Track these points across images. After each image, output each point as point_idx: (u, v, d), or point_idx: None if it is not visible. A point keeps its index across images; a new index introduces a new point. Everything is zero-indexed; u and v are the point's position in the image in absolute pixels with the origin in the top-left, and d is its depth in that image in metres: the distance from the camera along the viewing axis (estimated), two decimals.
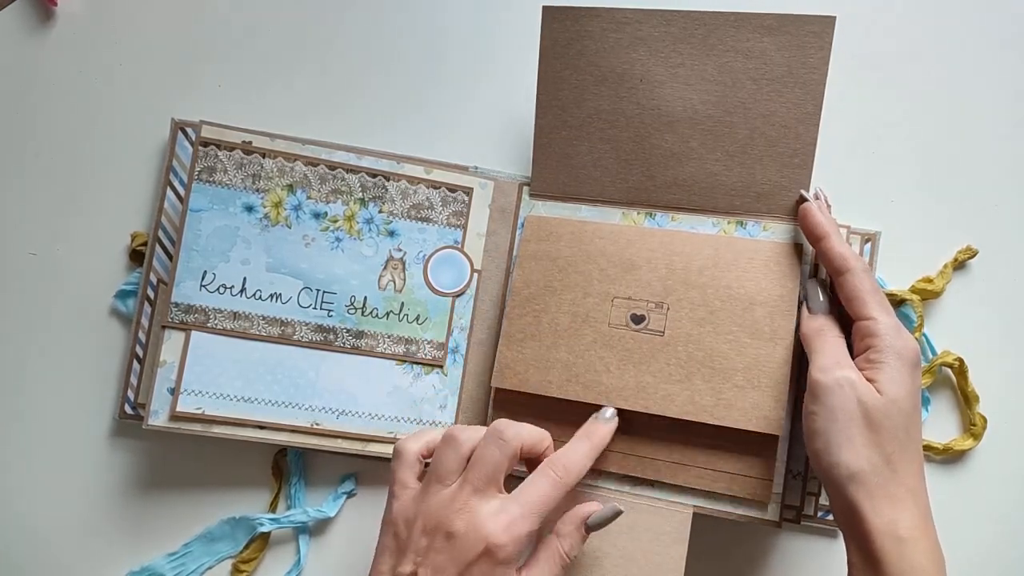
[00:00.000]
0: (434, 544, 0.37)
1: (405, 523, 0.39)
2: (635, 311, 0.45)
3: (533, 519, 0.38)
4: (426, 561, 0.37)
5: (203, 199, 0.47)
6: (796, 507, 0.46)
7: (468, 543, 0.37)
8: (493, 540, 0.37)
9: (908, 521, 0.37)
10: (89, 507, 0.50)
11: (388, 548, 0.39)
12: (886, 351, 0.38)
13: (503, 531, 0.37)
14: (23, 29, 0.52)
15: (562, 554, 0.39)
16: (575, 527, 0.40)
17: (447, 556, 0.37)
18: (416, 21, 0.53)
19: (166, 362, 0.46)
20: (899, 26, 0.53)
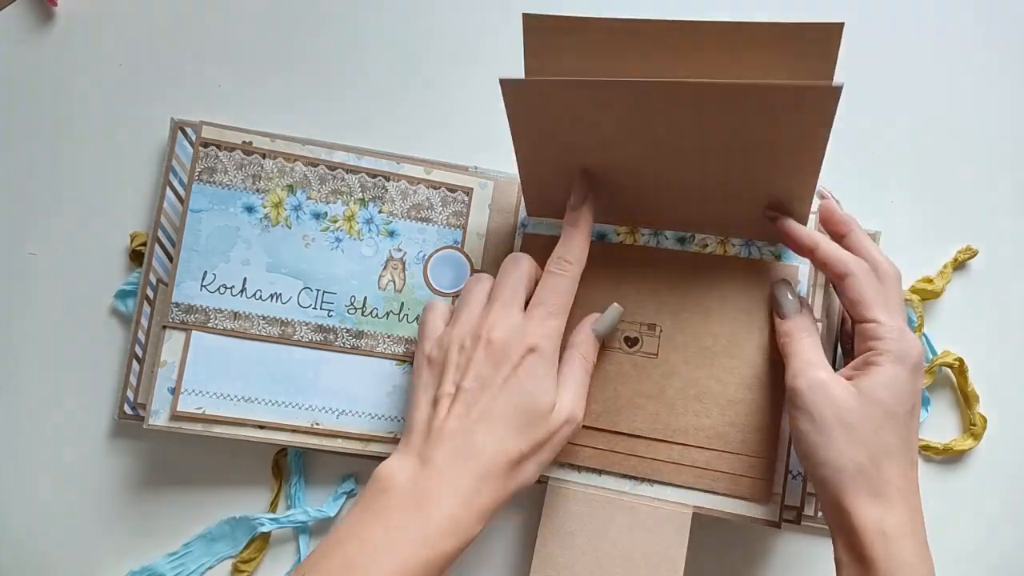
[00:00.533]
0: (475, 355, 0.39)
1: (439, 348, 0.40)
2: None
3: (560, 315, 0.40)
4: (468, 374, 0.39)
5: (203, 199, 0.47)
6: (796, 507, 0.46)
7: (509, 347, 0.39)
8: (531, 341, 0.39)
9: (895, 519, 0.37)
10: (89, 507, 0.50)
11: (423, 383, 0.40)
12: (885, 354, 0.38)
13: (537, 330, 0.39)
14: (23, 29, 0.52)
15: (582, 357, 0.42)
16: (588, 335, 0.43)
17: (490, 365, 0.38)
18: (416, 21, 0.53)
19: (166, 362, 0.46)
20: (899, 26, 0.53)
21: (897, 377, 0.38)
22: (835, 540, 0.39)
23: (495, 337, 0.39)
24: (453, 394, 0.38)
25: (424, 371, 0.40)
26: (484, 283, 0.42)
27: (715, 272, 0.45)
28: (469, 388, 0.38)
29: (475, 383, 0.38)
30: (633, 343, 0.45)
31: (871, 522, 0.37)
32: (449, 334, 0.40)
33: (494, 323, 0.39)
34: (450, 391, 0.39)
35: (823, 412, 0.38)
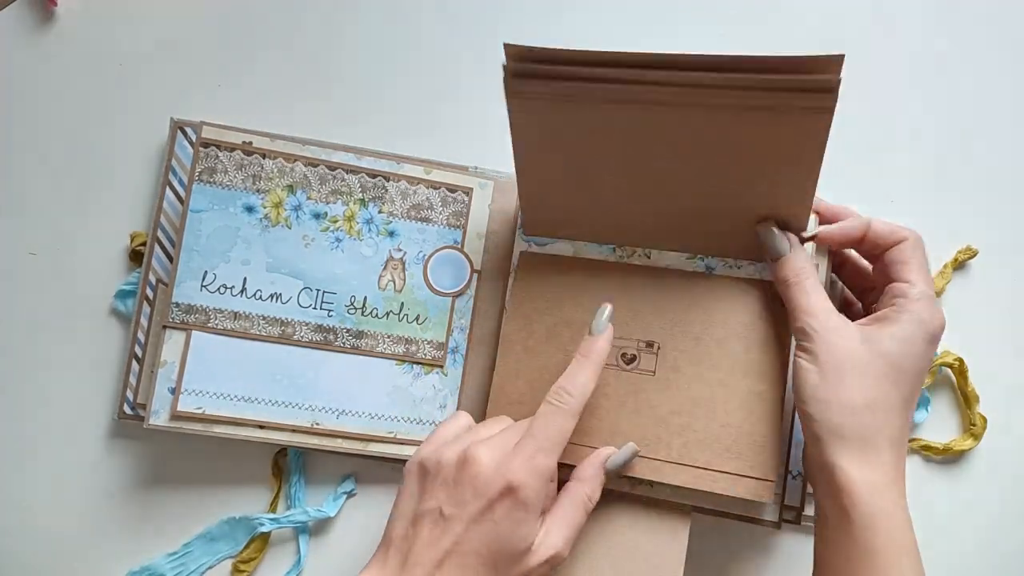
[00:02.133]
0: (458, 478, 0.37)
1: (433, 458, 0.38)
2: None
3: (550, 453, 0.37)
4: (448, 497, 0.37)
5: (203, 199, 0.47)
6: (796, 507, 0.46)
7: (490, 481, 0.36)
8: (513, 477, 0.36)
9: (877, 467, 0.37)
10: (89, 507, 0.50)
11: (409, 491, 0.39)
12: (907, 313, 0.39)
13: (521, 468, 0.36)
14: (23, 29, 0.52)
15: (585, 498, 0.39)
16: (595, 471, 0.40)
17: (469, 493, 0.37)
18: (415, 21, 0.53)
19: (167, 362, 0.46)
20: (899, 26, 0.53)
21: (912, 336, 0.38)
22: (816, 486, 0.39)
23: (478, 467, 0.37)
24: (433, 514, 0.37)
25: (413, 479, 0.39)
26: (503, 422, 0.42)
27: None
28: (448, 514, 0.36)
29: (453, 509, 0.36)
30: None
31: (853, 467, 0.37)
32: (445, 449, 0.39)
33: (481, 450, 0.37)
34: (431, 508, 0.37)
35: (826, 354, 0.38)
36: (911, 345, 0.38)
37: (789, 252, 0.41)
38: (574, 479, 0.40)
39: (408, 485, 0.39)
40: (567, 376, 0.40)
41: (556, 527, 0.38)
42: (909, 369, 0.38)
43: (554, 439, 0.38)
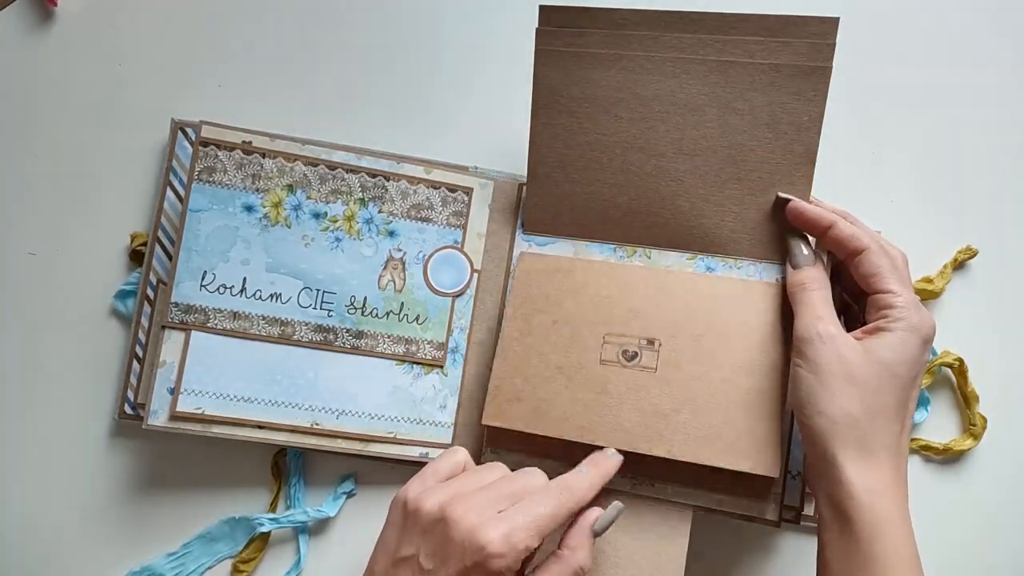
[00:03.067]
0: (436, 532, 0.36)
1: (420, 499, 0.38)
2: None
3: (534, 535, 0.36)
4: (426, 548, 0.36)
5: (203, 199, 0.47)
6: (796, 507, 0.46)
7: (466, 543, 0.35)
8: (491, 548, 0.35)
9: (879, 475, 0.37)
10: (89, 507, 0.50)
11: (394, 524, 0.38)
12: (898, 322, 0.39)
13: (502, 539, 0.35)
14: (23, 29, 0.52)
15: (577, 568, 0.38)
16: (585, 537, 0.39)
17: (445, 552, 0.36)
18: (416, 21, 0.53)
19: (166, 362, 0.46)
20: (899, 26, 0.53)
21: (907, 343, 0.39)
22: (817, 494, 0.39)
23: (455, 531, 0.36)
24: (412, 563, 0.36)
25: (397, 514, 0.38)
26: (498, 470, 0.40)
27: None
28: (425, 568, 0.36)
29: (430, 564, 0.36)
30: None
31: (856, 476, 0.37)
32: (430, 495, 0.38)
33: (461, 510, 0.36)
34: (409, 555, 0.37)
35: (828, 364, 0.38)
36: (906, 352, 0.39)
37: (811, 266, 0.42)
38: (564, 547, 0.39)
39: (392, 519, 0.39)
40: (578, 478, 0.40)
41: None
42: (905, 376, 0.39)
43: (543, 525, 0.37)
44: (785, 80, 0.43)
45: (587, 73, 0.45)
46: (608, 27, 0.44)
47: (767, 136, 0.43)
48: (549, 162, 0.46)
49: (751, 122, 0.43)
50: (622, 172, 0.46)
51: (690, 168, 0.45)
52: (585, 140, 0.46)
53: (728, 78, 0.43)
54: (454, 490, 0.38)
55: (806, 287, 0.42)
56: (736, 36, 0.43)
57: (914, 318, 0.39)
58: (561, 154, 0.46)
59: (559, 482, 0.39)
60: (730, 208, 0.45)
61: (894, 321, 0.39)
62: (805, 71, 0.42)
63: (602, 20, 0.44)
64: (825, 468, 0.38)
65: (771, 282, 0.44)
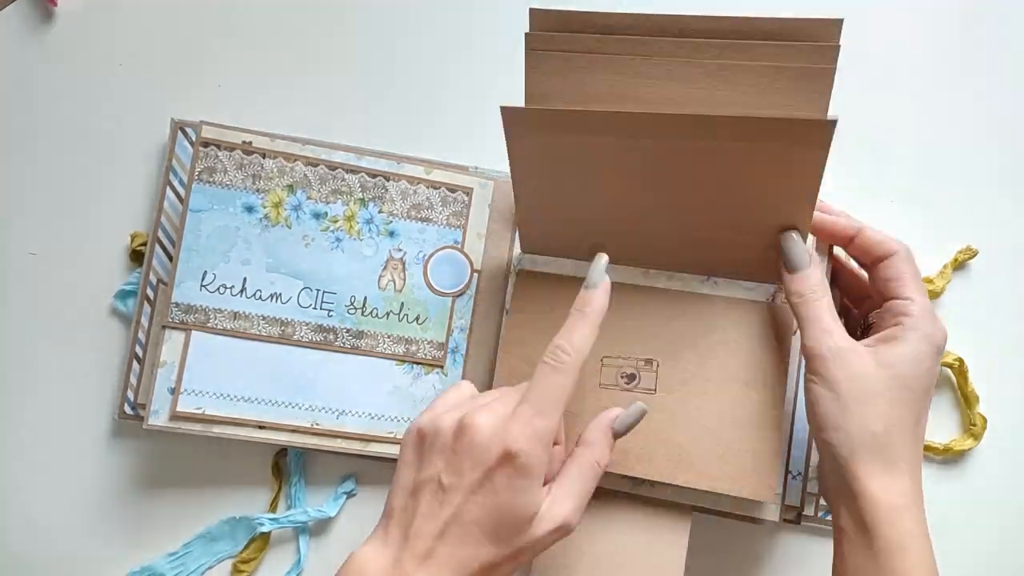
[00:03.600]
0: (456, 446, 0.35)
1: (432, 425, 0.37)
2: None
3: (550, 414, 0.35)
4: (447, 465, 0.35)
5: (203, 199, 0.47)
6: (796, 507, 0.46)
7: (487, 448, 0.35)
8: (511, 444, 0.34)
9: (901, 489, 0.37)
10: (89, 507, 0.50)
11: (407, 461, 0.37)
12: (913, 331, 0.39)
13: (520, 433, 0.35)
14: (23, 29, 0.52)
15: (593, 463, 0.38)
16: (602, 433, 0.39)
17: (468, 461, 0.35)
18: (416, 21, 0.53)
19: (166, 362, 0.46)
20: (899, 26, 0.53)
21: (921, 354, 0.39)
22: (837, 508, 0.39)
23: (475, 433, 0.35)
24: (432, 483, 0.36)
25: (410, 447, 0.38)
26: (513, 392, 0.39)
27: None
28: (446, 484, 0.35)
29: (452, 478, 0.35)
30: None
31: (878, 491, 0.37)
32: (444, 415, 0.37)
33: (478, 416, 0.36)
34: (429, 477, 0.36)
35: (843, 380, 0.38)
36: (922, 363, 0.39)
37: (808, 267, 0.40)
38: (581, 444, 0.38)
39: (406, 454, 0.38)
40: (563, 333, 0.38)
41: (563, 495, 0.37)
42: (921, 388, 0.39)
43: (552, 400, 0.36)
44: (787, 83, 0.42)
45: (580, 77, 0.44)
46: (602, 31, 0.41)
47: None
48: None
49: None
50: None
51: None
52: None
53: (728, 82, 0.43)
54: (468, 407, 0.37)
55: (806, 298, 0.40)
56: (736, 39, 0.42)
57: (928, 327, 0.39)
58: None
59: (552, 349, 0.37)
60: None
61: (909, 330, 0.39)
62: (808, 74, 0.41)
63: (596, 24, 0.42)
64: (845, 483, 0.38)
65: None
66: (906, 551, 0.36)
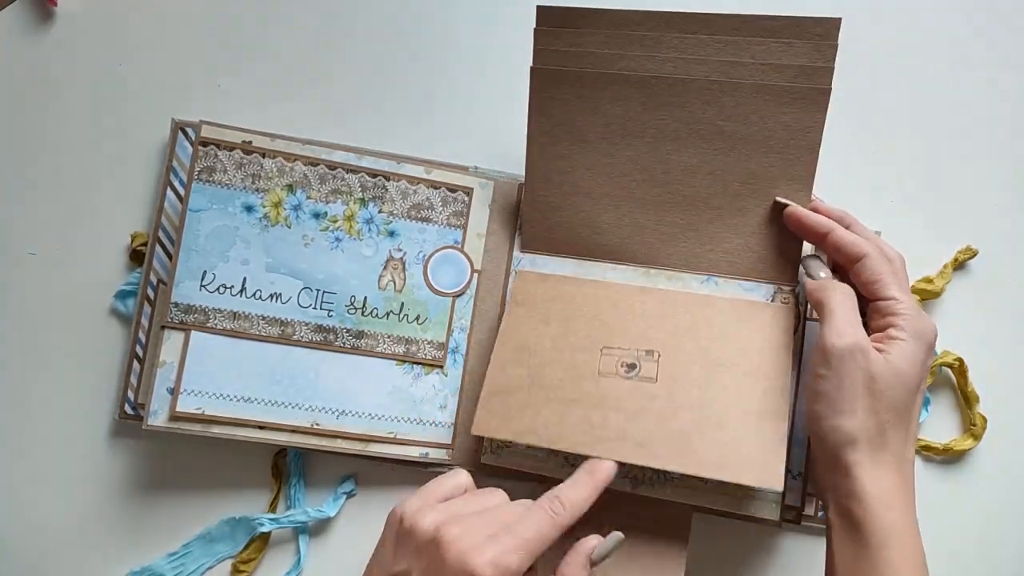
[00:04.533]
0: (426, 553, 0.36)
1: (411, 519, 0.37)
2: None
3: (524, 556, 0.35)
4: (419, 569, 0.36)
5: (202, 199, 0.47)
6: (796, 507, 0.46)
7: (456, 567, 0.34)
8: (478, 572, 0.34)
9: (891, 484, 0.38)
10: (89, 507, 0.50)
11: (384, 547, 0.38)
12: (906, 329, 0.39)
13: (489, 563, 0.34)
14: (23, 29, 0.52)
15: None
16: (581, 566, 0.38)
17: (438, 572, 0.35)
18: (416, 21, 0.53)
19: (165, 362, 0.46)
20: (899, 26, 0.53)
21: (916, 352, 0.39)
22: (827, 500, 0.40)
23: (445, 552, 0.35)
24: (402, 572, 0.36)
25: (392, 530, 0.38)
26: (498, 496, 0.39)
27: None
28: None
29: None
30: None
31: (870, 485, 0.38)
32: (426, 514, 0.37)
33: (454, 532, 0.35)
34: (400, 570, 0.36)
35: (855, 376, 0.39)
36: (915, 360, 0.39)
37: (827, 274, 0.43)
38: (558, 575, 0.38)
39: (386, 535, 0.38)
40: (568, 487, 0.38)
41: None
42: (913, 384, 0.39)
43: (537, 546, 0.36)
44: (788, 81, 0.42)
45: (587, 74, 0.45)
46: (608, 27, 0.44)
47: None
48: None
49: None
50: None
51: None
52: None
53: (730, 78, 0.43)
54: (451, 512, 0.37)
55: (830, 290, 0.41)
56: (738, 37, 0.42)
57: (918, 324, 0.40)
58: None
59: (551, 497, 0.38)
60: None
61: (899, 330, 0.40)
62: (808, 72, 0.42)
63: (602, 20, 0.44)
64: (838, 476, 0.39)
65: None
66: (894, 545, 0.37)
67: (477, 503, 0.38)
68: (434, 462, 0.48)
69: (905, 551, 0.37)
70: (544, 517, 0.37)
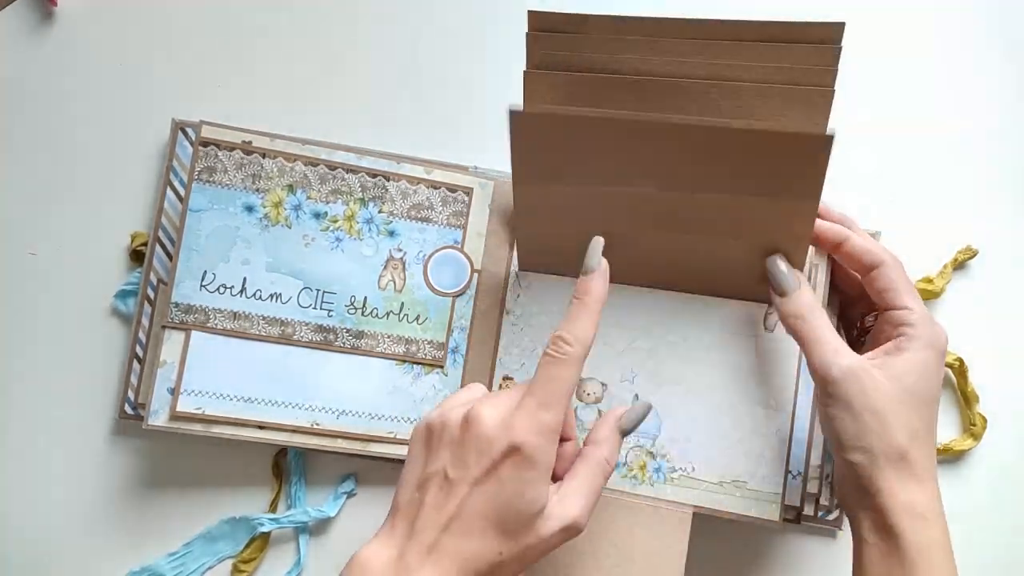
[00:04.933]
0: (462, 438, 0.35)
1: (439, 419, 0.37)
2: None
3: (555, 407, 0.35)
4: (452, 458, 0.35)
5: (203, 199, 0.47)
6: (796, 507, 0.46)
7: (492, 441, 0.34)
8: (516, 436, 0.34)
9: (924, 499, 0.38)
10: (89, 507, 0.50)
11: (414, 455, 0.37)
12: (918, 339, 0.39)
13: (525, 425, 0.34)
14: (23, 29, 0.52)
15: (602, 461, 0.37)
16: (610, 431, 0.38)
17: (473, 454, 0.35)
18: (416, 21, 0.53)
19: (166, 362, 0.46)
20: (899, 25, 0.53)
21: (928, 362, 0.39)
22: (859, 520, 0.39)
23: (480, 426, 0.35)
24: (438, 476, 0.35)
25: (419, 444, 0.37)
26: None
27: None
28: (452, 476, 0.35)
29: (458, 471, 0.35)
30: None
31: (903, 502, 0.37)
32: (452, 411, 0.37)
33: (484, 408, 0.36)
34: (435, 471, 0.35)
35: (858, 400, 0.38)
36: (929, 370, 0.39)
37: (797, 288, 0.41)
38: (588, 443, 0.38)
39: (413, 450, 0.37)
40: (565, 323, 0.37)
41: (571, 493, 0.36)
42: (932, 395, 0.39)
43: (556, 392, 0.35)
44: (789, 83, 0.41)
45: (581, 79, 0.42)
46: (602, 32, 0.41)
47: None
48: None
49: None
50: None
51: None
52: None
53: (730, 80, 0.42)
54: (466, 396, 0.37)
55: (804, 318, 0.40)
56: (738, 41, 0.41)
57: (930, 334, 0.39)
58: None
59: (552, 339, 0.37)
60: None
61: (912, 339, 0.39)
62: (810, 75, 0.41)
63: (596, 25, 0.41)
64: (867, 495, 0.38)
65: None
66: (930, 560, 0.37)
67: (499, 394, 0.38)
68: None
69: (941, 567, 0.37)
70: (555, 363, 0.36)
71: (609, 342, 0.46)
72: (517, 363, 0.47)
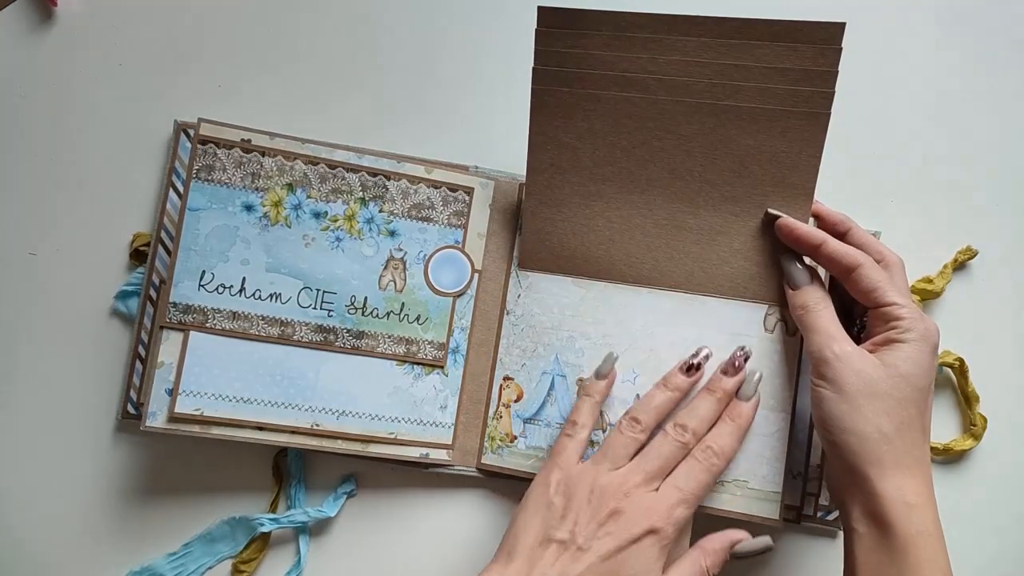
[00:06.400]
0: (596, 518, 0.39)
1: (568, 488, 0.40)
2: None
3: (690, 505, 0.40)
4: (586, 531, 0.39)
5: (202, 198, 0.47)
6: (796, 507, 0.46)
7: (632, 523, 0.39)
8: (656, 524, 0.38)
9: (914, 487, 0.38)
10: (90, 507, 0.50)
11: (542, 506, 0.40)
12: (910, 332, 0.40)
13: (665, 516, 0.39)
14: (23, 29, 0.52)
15: (704, 568, 0.40)
16: (722, 548, 0.41)
17: (609, 534, 0.38)
18: (416, 20, 0.53)
19: (164, 363, 0.46)
20: (900, 26, 0.53)
21: (920, 353, 0.39)
22: (848, 509, 0.39)
23: (623, 510, 0.39)
24: (569, 543, 0.39)
25: (560, 497, 0.40)
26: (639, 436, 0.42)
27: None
28: (583, 547, 0.39)
29: (590, 543, 0.39)
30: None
31: (893, 490, 0.38)
32: (583, 479, 0.41)
33: (626, 495, 0.40)
34: (563, 538, 0.39)
35: (851, 382, 0.39)
36: (922, 362, 0.39)
37: (810, 283, 0.43)
38: (699, 548, 0.40)
39: (542, 499, 0.41)
40: (720, 437, 0.41)
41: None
42: (924, 386, 0.39)
43: (696, 494, 0.40)
44: (790, 84, 0.42)
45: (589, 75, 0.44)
46: (610, 29, 0.43)
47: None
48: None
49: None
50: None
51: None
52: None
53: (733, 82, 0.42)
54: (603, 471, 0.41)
55: (809, 309, 0.42)
56: (741, 40, 0.42)
57: (922, 327, 0.40)
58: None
59: (704, 448, 0.41)
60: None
61: (905, 332, 0.40)
62: (811, 75, 0.41)
63: (604, 22, 0.43)
64: (858, 483, 0.39)
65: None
66: (921, 548, 0.37)
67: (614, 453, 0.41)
68: (434, 462, 0.48)
69: (932, 554, 0.37)
70: (703, 469, 0.40)
71: (610, 342, 0.46)
72: (518, 363, 0.47)
